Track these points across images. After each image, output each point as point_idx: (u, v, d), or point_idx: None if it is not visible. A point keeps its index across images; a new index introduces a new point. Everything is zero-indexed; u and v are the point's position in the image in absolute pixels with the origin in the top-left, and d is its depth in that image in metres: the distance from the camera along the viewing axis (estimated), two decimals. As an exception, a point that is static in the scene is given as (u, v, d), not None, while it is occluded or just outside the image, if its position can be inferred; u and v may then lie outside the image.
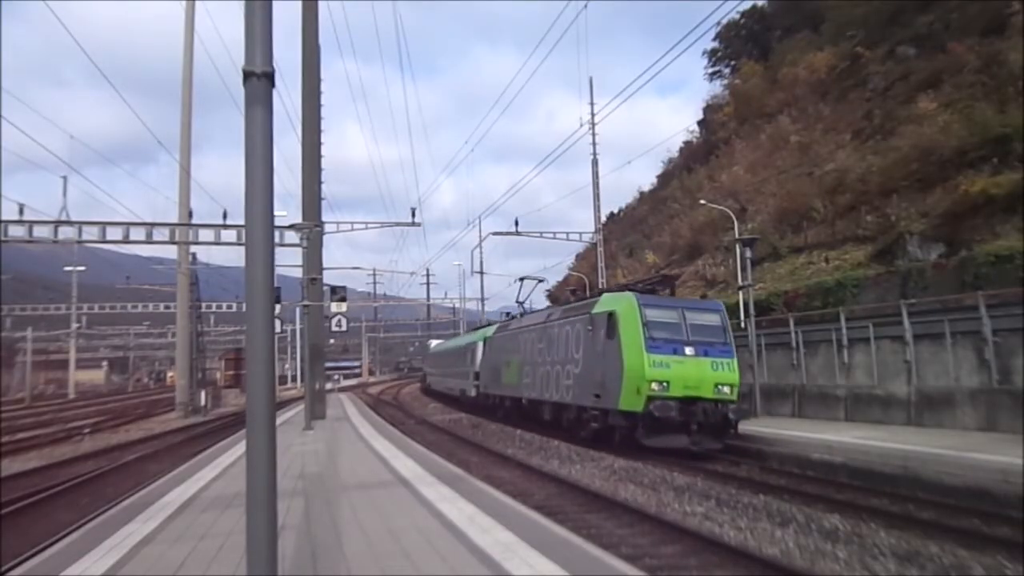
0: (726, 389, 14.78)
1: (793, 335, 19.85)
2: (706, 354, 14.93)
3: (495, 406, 26.54)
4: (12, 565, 6.68)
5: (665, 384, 14.44)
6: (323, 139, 23.86)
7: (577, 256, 56.15)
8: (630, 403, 14.79)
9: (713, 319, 15.76)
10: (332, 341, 62.21)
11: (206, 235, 19.92)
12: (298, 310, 28.43)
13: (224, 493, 9.10)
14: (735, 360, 15.24)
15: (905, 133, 27.70)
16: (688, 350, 14.89)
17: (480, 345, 29.73)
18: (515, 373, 23.33)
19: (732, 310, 21.29)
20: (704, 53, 56.95)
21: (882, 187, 26.48)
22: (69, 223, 18.84)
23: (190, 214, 25.99)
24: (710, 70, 57.75)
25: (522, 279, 27.55)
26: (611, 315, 16.07)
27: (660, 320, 15.25)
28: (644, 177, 76.17)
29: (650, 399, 14.28)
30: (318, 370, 23.40)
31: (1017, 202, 20.21)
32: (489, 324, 34.77)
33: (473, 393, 30.06)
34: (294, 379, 63.86)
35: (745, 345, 19.10)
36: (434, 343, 55.14)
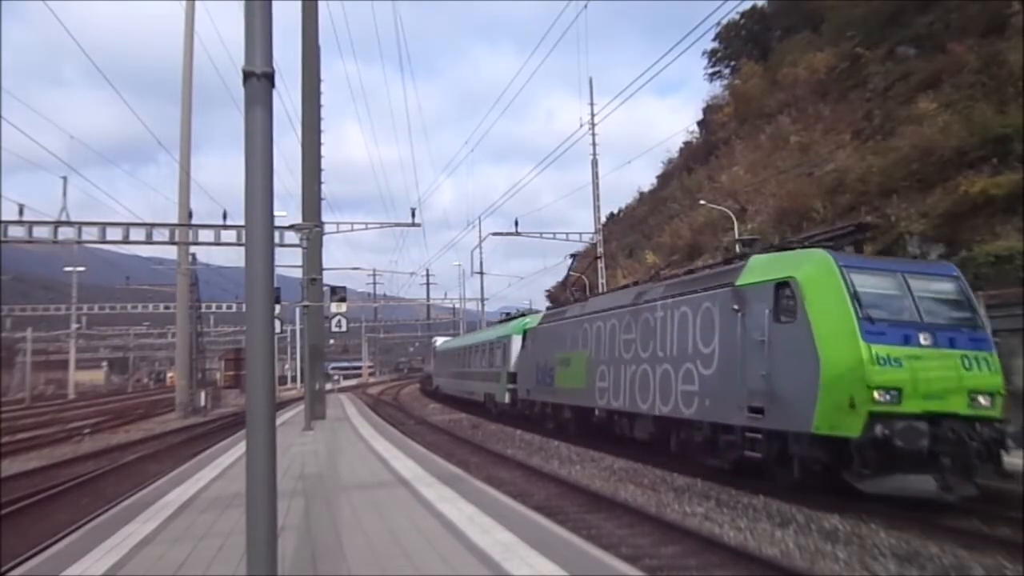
0: (984, 400, 9.51)
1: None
2: (951, 344, 9.68)
3: (543, 416, 21.00)
4: (12, 565, 6.68)
5: (895, 393, 9.15)
6: (323, 139, 23.90)
7: (577, 256, 56.14)
8: (835, 423, 9.40)
9: (948, 289, 10.46)
10: (332, 341, 62.22)
11: (206, 235, 19.92)
12: (298, 310, 28.46)
13: (224, 493, 9.10)
14: (995, 354, 10.07)
15: (905, 133, 27.68)
16: (924, 338, 9.59)
17: (516, 339, 24.43)
18: (580, 374, 17.78)
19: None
20: (704, 53, 57.01)
21: (882, 187, 26.46)
22: (69, 223, 18.85)
23: (190, 214, 26.00)
24: (710, 70, 57.80)
25: (574, 255, 23.84)
26: (784, 286, 10.58)
27: (877, 291, 9.97)
28: (644, 177, 76.10)
29: (873, 417, 9.04)
30: (318, 370, 23.41)
31: (1017, 202, 20.20)
32: (522, 314, 29.42)
33: (507, 399, 24.80)
34: (294, 379, 63.87)
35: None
36: (440, 340, 49.99)
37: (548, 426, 20.36)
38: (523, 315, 28.65)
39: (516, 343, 24.32)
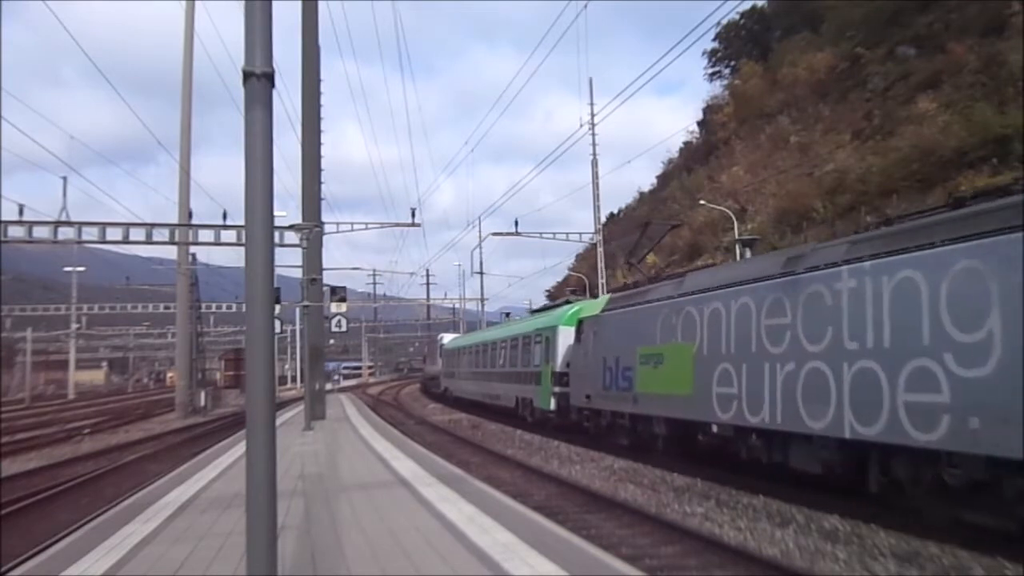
0: None
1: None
2: None
3: (613, 430, 16.07)
4: (12, 565, 6.69)
5: None
6: (323, 139, 23.90)
7: (577, 256, 56.29)
8: None
9: None
10: (332, 341, 62.22)
11: (206, 235, 19.92)
12: (298, 310, 28.43)
13: (224, 493, 9.10)
14: None
15: (905, 133, 27.75)
16: None
17: (563, 331, 19.90)
18: (681, 375, 12.92)
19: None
20: (704, 53, 57.13)
21: (882, 187, 26.51)
22: (69, 223, 18.85)
23: (190, 214, 26.04)
24: (710, 70, 57.92)
25: (647, 224, 18.64)
26: None
27: None
28: (644, 177, 76.41)
29: None
30: (318, 370, 23.41)
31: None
32: (566, 301, 24.82)
33: (551, 405, 20.01)
34: (294, 379, 63.90)
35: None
36: (448, 337, 45.00)
37: (621, 443, 15.57)
38: (567, 301, 24.21)
39: (564, 336, 19.78)
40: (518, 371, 24.08)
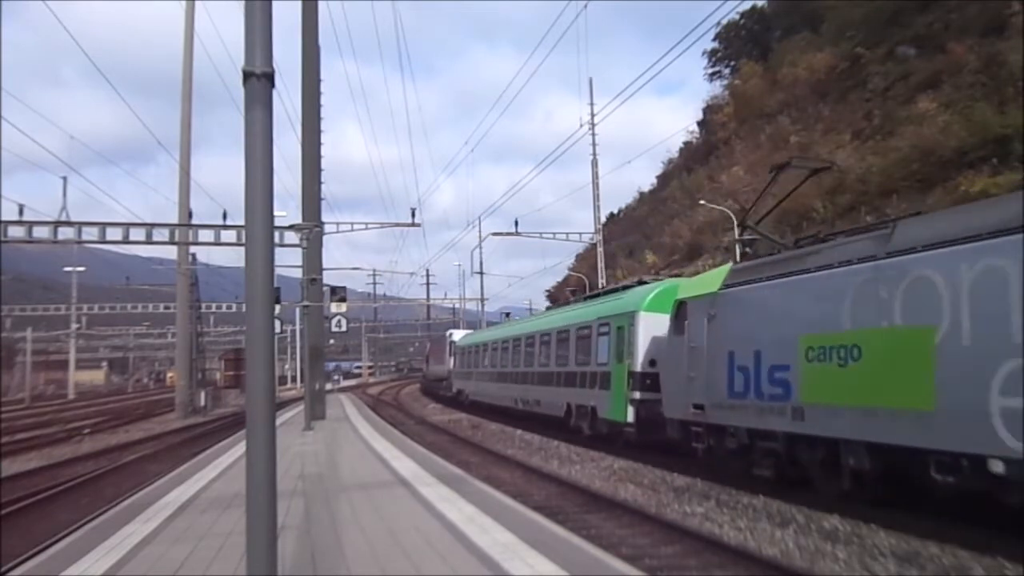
0: None
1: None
2: None
3: (752, 454, 10.99)
4: (12, 565, 6.69)
5: None
6: (323, 139, 23.91)
7: (577, 256, 56.30)
8: None
9: None
10: (332, 341, 62.18)
11: (206, 235, 19.93)
12: (298, 310, 28.41)
13: (224, 493, 9.11)
14: None
15: (905, 133, 27.75)
16: None
17: (645, 319, 15.27)
18: (903, 380, 8.20)
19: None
20: (704, 53, 57.12)
21: (882, 187, 26.52)
22: (69, 223, 18.85)
23: (190, 214, 26.05)
24: (710, 70, 57.90)
25: (782, 166, 13.08)
26: None
27: None
28: (644, 177, 76.49)
29: None
30: (318, 370, 23.41)
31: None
32: (640, 281, 18.19)
33: (627, 417, 15.15)
34: (294, 379, 63.90)
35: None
36: (460, 333, 40.29)
37: (762, 474, 10.77)
38: (641, 282, 18.06)
39: (647, 324, 15.16)
40: (570, 371, 19.06)
